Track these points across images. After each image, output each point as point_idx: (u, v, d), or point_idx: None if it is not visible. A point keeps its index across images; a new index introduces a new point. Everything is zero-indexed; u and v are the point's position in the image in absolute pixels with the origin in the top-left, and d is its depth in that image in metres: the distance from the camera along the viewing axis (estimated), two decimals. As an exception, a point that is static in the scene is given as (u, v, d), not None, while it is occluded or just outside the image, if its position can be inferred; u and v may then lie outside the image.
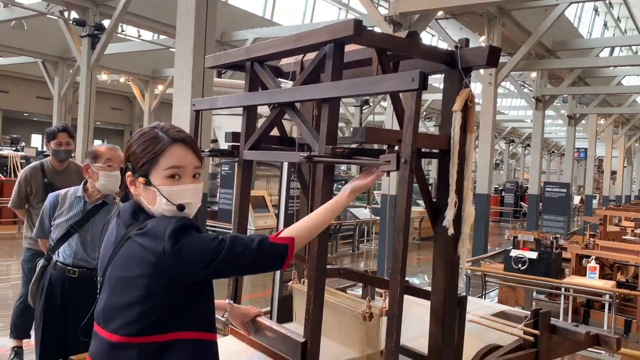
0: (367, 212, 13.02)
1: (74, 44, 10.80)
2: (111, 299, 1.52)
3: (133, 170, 1.54)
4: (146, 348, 1.46)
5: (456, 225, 1.81)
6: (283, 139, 2.42)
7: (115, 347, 1.49)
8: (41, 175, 4.20)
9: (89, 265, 2.95)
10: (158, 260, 1.43)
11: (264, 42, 1.97)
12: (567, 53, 13.33)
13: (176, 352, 1.47)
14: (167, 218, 1.50)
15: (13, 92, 19.77)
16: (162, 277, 1.44)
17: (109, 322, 1.51)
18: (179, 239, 1.43)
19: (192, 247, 1.44)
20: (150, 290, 1.44)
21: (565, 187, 11.83)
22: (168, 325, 1.47)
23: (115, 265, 1.52)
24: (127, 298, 1.47)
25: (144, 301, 1.45)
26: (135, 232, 1.49)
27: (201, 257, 1.44)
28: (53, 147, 4.15)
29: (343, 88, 1.65)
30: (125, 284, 1.49)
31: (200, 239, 1.46)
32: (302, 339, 1.77)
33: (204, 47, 4.49)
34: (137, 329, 1.46)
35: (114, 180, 2.94)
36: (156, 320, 1.46)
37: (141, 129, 1.63)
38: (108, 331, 1.51)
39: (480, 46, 1.81)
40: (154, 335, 1.46)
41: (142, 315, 1.45)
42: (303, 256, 2.40)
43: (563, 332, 2.30)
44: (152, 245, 1.44)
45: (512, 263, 6.11)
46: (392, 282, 1.50)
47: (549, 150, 35.71)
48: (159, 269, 1.43)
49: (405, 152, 1.47)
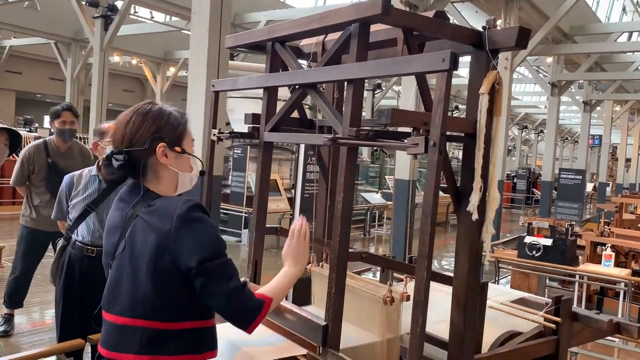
0: (378, 196, 12.99)
1: (87, 25, 10.78)
2: (116, 281, 1.52)
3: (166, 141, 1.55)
4: (147, 332, 1.45)
5: (480, 210, 1.78)
6: (303, 121, 2.39)
7: (119, 330, 1.49)
8: (45, 155, 4.21)
9: None
10: (162, 239, 1.43)
11: (287, 22, 1.93)
12: (584, 38, 13.11)
13: (174, 341, 1.46)
14: (177, 198, 1.52)
15: (26, 74, 19.86)
16: (164, 258, 1.43)
17: (113, 304, 1.51)
18: (188, 222, 1.43)
19: (198, 235, 1.44)
20: (151, 271, 1.43)
21: (580, 174, 11.72)
22: (168, 312, 1.45)
23: (122, 246, 1.51)
24: (130, 279, 1.47)
25: (145, 283, 1.44)
26: (143, 209, 1.49)
27: (200, 248, 1.43)
28: (57, 126, 4.16)
29: (369, 69, 1.61)
30: (128, 264, 1.48)
31: (210, 233, 1.46)
32: (324, 322, 1.76)
33: (219, 28, 4.45)
34: (139, 311, 1.45)
35: None
36: (157, 305, 1.45)
37: (151, 104, 1.59)
38: (112, 314, 1.51)
39: (509, 27, 1.76)
40: (154, 321, 1.45)
41: (144, 298, 1.44)
42: (322, 240, 2.39)
43: (585, 320, 2.27)
44: (159, 224, 1.44)
45: (527, 249, 6.07)
46: (419, 267, 1.48)
47: (563, 136, 35.35)
48: (160, 249, 1.43)
49: (434, 134, 1.44)
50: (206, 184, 2.46)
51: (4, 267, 6.58)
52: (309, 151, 3.36)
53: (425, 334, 1.56)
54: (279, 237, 9.68)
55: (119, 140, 1.54)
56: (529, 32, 1.78)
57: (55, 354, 2.53)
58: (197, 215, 1.46)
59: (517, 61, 10.21)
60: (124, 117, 1.56)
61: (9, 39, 17.27)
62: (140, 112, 1.55)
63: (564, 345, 2.23)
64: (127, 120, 1.55)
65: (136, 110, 1.56)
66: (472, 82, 1.81)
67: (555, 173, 12.96)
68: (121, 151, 1.51)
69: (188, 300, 1.46)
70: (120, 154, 1.50)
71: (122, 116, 1.58)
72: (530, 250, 6.04)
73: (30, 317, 5.06)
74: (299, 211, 3.32)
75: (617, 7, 23.02)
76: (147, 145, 1.51)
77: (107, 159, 1.52)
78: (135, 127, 1.53)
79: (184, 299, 1.46)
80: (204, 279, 1.43)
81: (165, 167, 1.55)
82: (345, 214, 1.73)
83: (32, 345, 4.37)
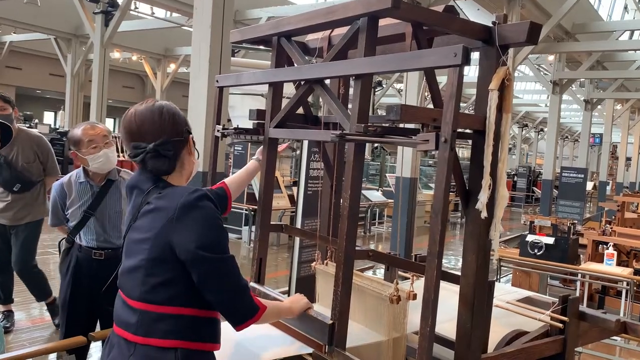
0: (379, 194, 12.97)
1: (88, 20, 10.75)
2: (125, 262, 1.58)
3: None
4: (144, 315, 1.50)
5: (489, 208, 1.76)
6: (308, 117, 2.37)
7: (124, 309, 1.55)
8: None
9: (113, 246, 2.95)
10: (165, 224, 1.47)
11: (294, 16, 1.90)
12: (586, 36, 13.07)
13: (167, 326, 1.49)
14: (185, 187, 1.57)
15: (26, 69, 19.79)
16: (165, 243, 1.47)
17: (122, 284, 1.58)
18: (191, 209, 1.47)
19: (198, 222, 1.47)
20: (151, 255, 1.48)
21: (582, 172, 11.68)
22: (165, 296, 1.49)
23: (133, 230, 1.57)
24: (133, 261, 1.53)
25: (145, 266, 1.49)
26: (154, 196, 1.54)
27: (198, 236, 1.45)
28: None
29: (378, 64, 1.59)
30: (133, 247, 1.54)
31: (211, 222, 1.49)
32: (330, 320, 1.74)
33: (221, 24, 4.42)
34: (137, 293, 1.51)
35: (104, 160, 2.88)
36: (154, 289, 1.49)
37: (163, 103, 1.64)
38: (123, 294, 1.58)
39: (520, 22, 1.74)
40: (150, 304, 1.49)
41: (143, 280, 1.50)
42: (327, 237, 2.37)
43: (592, 319, 2.25)
44: (164, 210, 1.49)
45: (528, 248, 6.05)
46: (429, 265, 1.46)
47: (563, 135, 35.32)
48: (162, 234, 1.47)
49: (446, 130, 1.41)
50: (210, 181, 2.44)
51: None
52: (313, 148, 3.33)
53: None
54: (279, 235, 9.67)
55: (155, 131, 1.56)
56: (540, 28, 1.75)
57: (57, 351, 2.51)
58: (201, 203, 1.49)
59: (519, 59, 10.17)
60: (148, 111, 1.58)
61: (9, 35, 17.20)
62: (168, 107, 1.61)
63: (570, 344, 2.21)
64: (159, 112, 1.58)
65: (160, 105, 1.61)
66: (482, 78, 1.78)
67: (557, 171, 12.93)
68: (168, 141, 1.55)
69: (184, 288, 1.49)
70: (167, 144, 1.55)
71: (145, 110, 1.59)
72: (532, 249, 6.02)
73: (29, 313, 5.04)
74: (302, 208, 3.29)
75: (619, 6, 22.96)
76: (184, 136, 1.60)
77: (155, 151, 1.54)
78: (171, 119, 1.59)
79: (178, 286, 1.49)
80: (202, 269, 1.46)
81: (189, 159, 1.64)
82: (352, 211, 1.71)
83: (33, 341, 4.35)
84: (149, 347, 1.48)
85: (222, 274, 1.49)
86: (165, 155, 1.55)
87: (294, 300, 1.86)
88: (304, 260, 3.46)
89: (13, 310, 4.58)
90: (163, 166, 1.56)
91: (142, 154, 1.55)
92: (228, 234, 1.58)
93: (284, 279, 6.74)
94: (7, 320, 4.48)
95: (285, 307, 1.80)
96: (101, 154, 2.86)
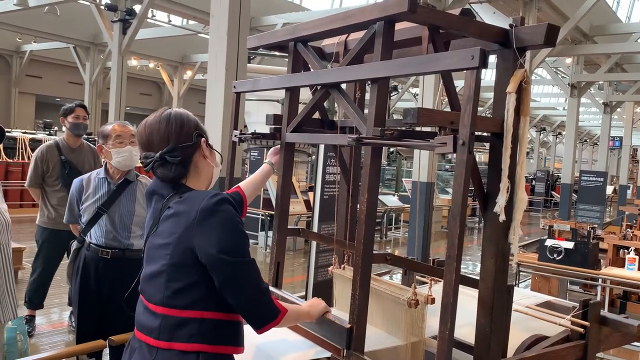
0: (395, 199, 12.93)
1: (106, 29, 10.90)
2: (147, 267, 1.59)
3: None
4: (167, 319, 1.50)
5: (507, 211, 1.75)
6: (324, 122, 2.37)
7: (147, 315, 1.56)
8: (57, 153, 4.30)
9: (121, 246, 2.98)
10: (186, 229, 1.48)
11: (311, 21, 1.91)
12: (605, 38, 12.92)
13: (190, 330, 1.49)
14: (205, 192, 1.58)
15: (46, 78, 20.15)
16: (186, 248, 1.47)
17: (144, 289, 1.59)
18: (211, 213, 1.47)
19: (218, 227, 1.47)
20: (172, 260, 1.49)
21: (602, 176, 11.52)
22: (187, 300, 1.49)
23: (154, 235, 1.58)
24: (155, 267, 1.54)
25: (167, 271, 1.50)
26: (175, 201, 1.55)
27: (219, 240, 1.46)
28: (70, 121, 4.27)
29: (395, 67, 1.59)
30: (155, 252, 1.55)
31: (232, 226, 1.49)
32: (348, 324, 1.74)
33: (237, 30, 4.45)
34: (159, 298, 1.52)
35: (128, 155, 2.97)
36: (176, 293, 1.50)
37: (171, 111, 1.66)
38: (144, 298, 1.58)
39: (538, 24, 1.73)
40: (172, 308, 1.50)
41: (165, 285, 1.50)
42: (344, 241, 2.37)
43: (613, 324, 2.21)
44: (185, 215, 1.49)
45: (548, 253, 5.97)
46: (448, 269, 1.45)
47: (582, 138, 34.88)
48: (183, 239, 1.48)
49: (464, 133, 1.40)
50: (227, 186, 2.46)
51: (24, 269, 6.67)
52: (329, 152, 3.33)
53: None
54: (295, 240, 9.68)
55: (162, 139, 1.58)
56: (557, 30, 1.74)
57: (77, 354, 2.54)
58: (221, 207, 1.49)
59: (536, 62, 10.09)
60: (156, 122, 1.61)
61: (30, 44, 17.55)
62: (175, 114, 1.63)
63: (592, 349, 2.17)
64: (166, 121, 1.60)
65: (168, 113, 1.63)
66: (499, 81, 1.78)
67: (576, 175, 12.78)
68: (175, 148, 1.57)
69: (206, 291, 1.50)
70: (174, 151, 1.56)
71: (154, 121, 1.62)
72: (552, 254, 5.94)
73: (50, 318, 5.10)
74: (319, 213, 3.30)
75: (637, 7, 22.66)
76: (194, 140, 1.60)
77: (161, 159, 1.57)
78: (178, 125, 1.60)
79: (200, 290, 1.50)
80: (223, 272, 1.47)
81: (204, 162, 1.65)
82: (369, 214, 1.71)
83: (53, 346, 4.40)
84: (171, 352, 1.49)
85: (243, 277, 1.49)
86: (172, 162, 1.56)
87: (312, 305, 1.85)
88: (320, 264, 3.46)
89: (35, 316, 4.65)
90: (170, 173, 1.58)
91: (151, 163, 1.58)
92: (248, 238, 1.59)
93: (300, 284, 6.74)
94: (29, 325, 4.54)
95: (304, 311, 1.80)
96: (125, 150, 2.97)
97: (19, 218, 10.97)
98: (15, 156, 12.34)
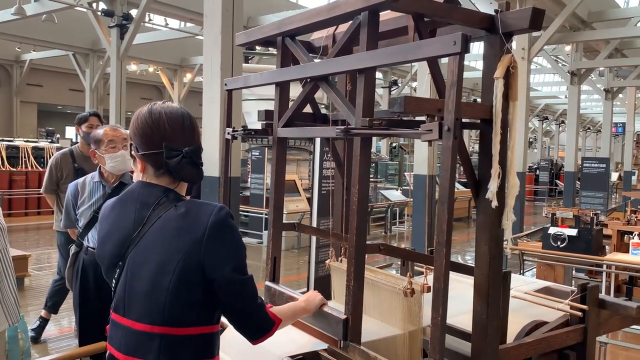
0: (398, 193, 12.92)
1: (103, 34, 10.93)
2: (135, 284, 1.46)
3: None
4: (166, 338, 1.42)
5: (499, 197, 1.75)
6: (316, 116, 2.38)
7: (137, 336, 1.44)
8: (71, 161, 4.35)
9: None
10: (193, 245, 1.40)
11: (296, 15, 1.92)
12: (603, 24, 12.84)
13: (191, 346, 1.44)
14: (207, 203, 1.47)
15: (47, 86, 20.25)
16: (192, 265, 1.40)
17: (129, 308, 1.46)
18: (222, 230, 1.42)
19: (231, 244, 1.44)
20: (177, 276, 1.39)
21: (604, 162, 11.46)
22: (187, 319, 1.43)
23: (141, 247, 1.46)
24: (153, 283, 1.42)
25: (167, 288, 1.40)
26: (170, 211, 1.45)
27: (232, 258, 1.44)
28: (85, 130, 4.28)
29: (380, 57, 1.59)
30: (152, 268, 1.43)
31: (240, 243, 1.47)
32: (344, 315, 1.74)
33: (231, 29, 4.46)
34: (158, 317, 1.41)
35: (121, 160, 2.97)
36: (177, 311, 1.41)
37: (184, 110, 1.58)
38: (129, 319, 1.46)
39: (522, 8, 1.72)
40: (173, 327, 1.41)
41: (164, 304, 1.40)
42: (340, 234, 2.37)
43: (612, 307, 2.21)
44: (190, 229, 1.41)
45: (551, 240, 5.95)
46: (437, 255, 1.45)
47: (585, 126, 34.72)
48: (190, 255, 1.39)
49: (448, 119, 1.41)
50: (222, 184, 2.47)
51: (31, 275, 6.71)
52: (325, 147, 3.34)
53: (446, 323, 1.53)
54: (300, 238, 9.68)
55: (188, 138, 1.50)
56: (542, 13, 1.73)
57: (79, 357, 2.56)
58: (231, 222, 1.45)
59: (534, 50, 10.04)
60: (180, 118, 1.52)
61: (29, 53, 17.62)
62: (188, 114, 1.55)
63: (591, 333, 2.17)
64: (188, 118, 1.52)
65: (183, 112, 1.55)
66: (487, 67, 1.77)
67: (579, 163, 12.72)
68: (201, 148, 1.51)
69: (206, 307, 1.45)
70: (198, 152, 1.50)
71: (169, 112, 1.53)
72: (555, 241, 5.92)
73: (58, 323, 5.13)
74: (317, 208, 3.30)
75: (636, -8, 22.50)
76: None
77: (189, 157, 1.47)
78: (193, 125, 1.54)
79: (202, 306, 1.44)
80: (233, 291, 1.44)
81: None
82: (361, 206, 1.71)
83: (61, 351, 4.43)
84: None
85: (247, 294, 1.47)
86: (198, 163, 1.48)
87: (308, 299, 1.86)
88: (321, 259, 3.46)
89: (48, 319, 4.70)
90: (197, 176, 1.50)
91: (179, 157, 1.45)
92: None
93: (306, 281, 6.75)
94: (38, 326, 4.59)
95: (301, 307, 1.80)
96: (119, 154, 2.97)
97: (25, 226, 11.05)
98: (18, 165, 12.41)
